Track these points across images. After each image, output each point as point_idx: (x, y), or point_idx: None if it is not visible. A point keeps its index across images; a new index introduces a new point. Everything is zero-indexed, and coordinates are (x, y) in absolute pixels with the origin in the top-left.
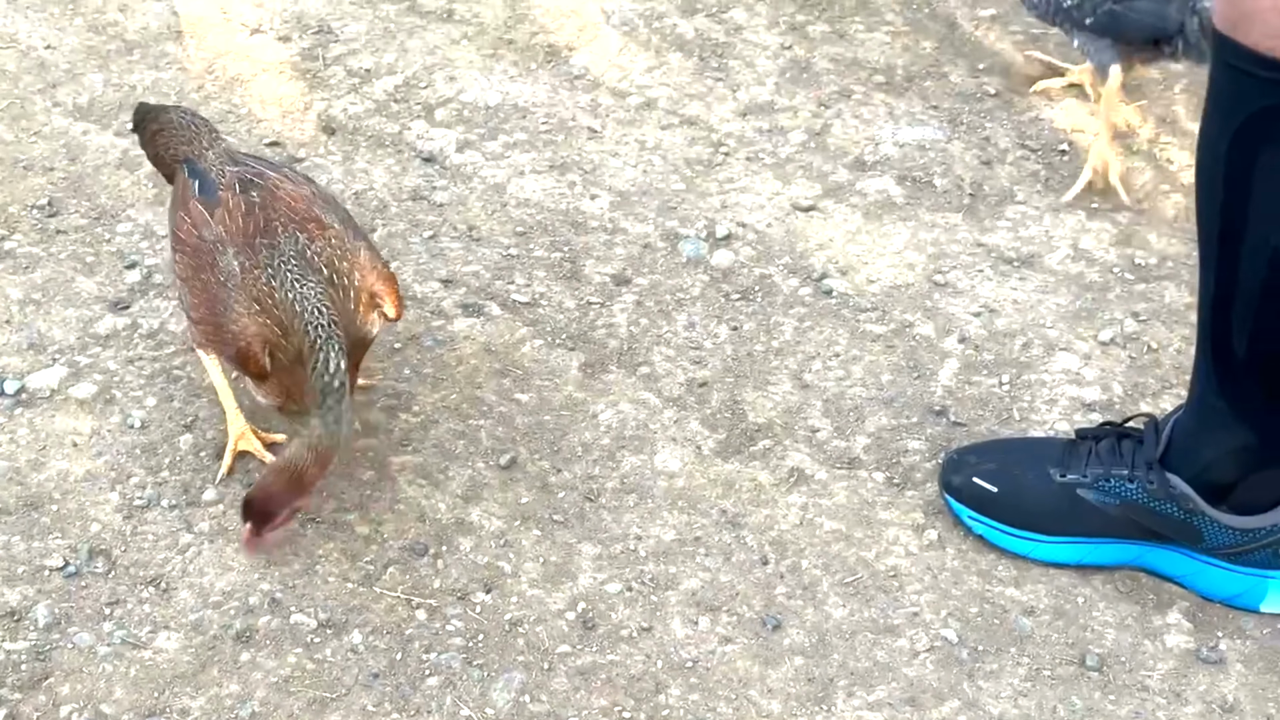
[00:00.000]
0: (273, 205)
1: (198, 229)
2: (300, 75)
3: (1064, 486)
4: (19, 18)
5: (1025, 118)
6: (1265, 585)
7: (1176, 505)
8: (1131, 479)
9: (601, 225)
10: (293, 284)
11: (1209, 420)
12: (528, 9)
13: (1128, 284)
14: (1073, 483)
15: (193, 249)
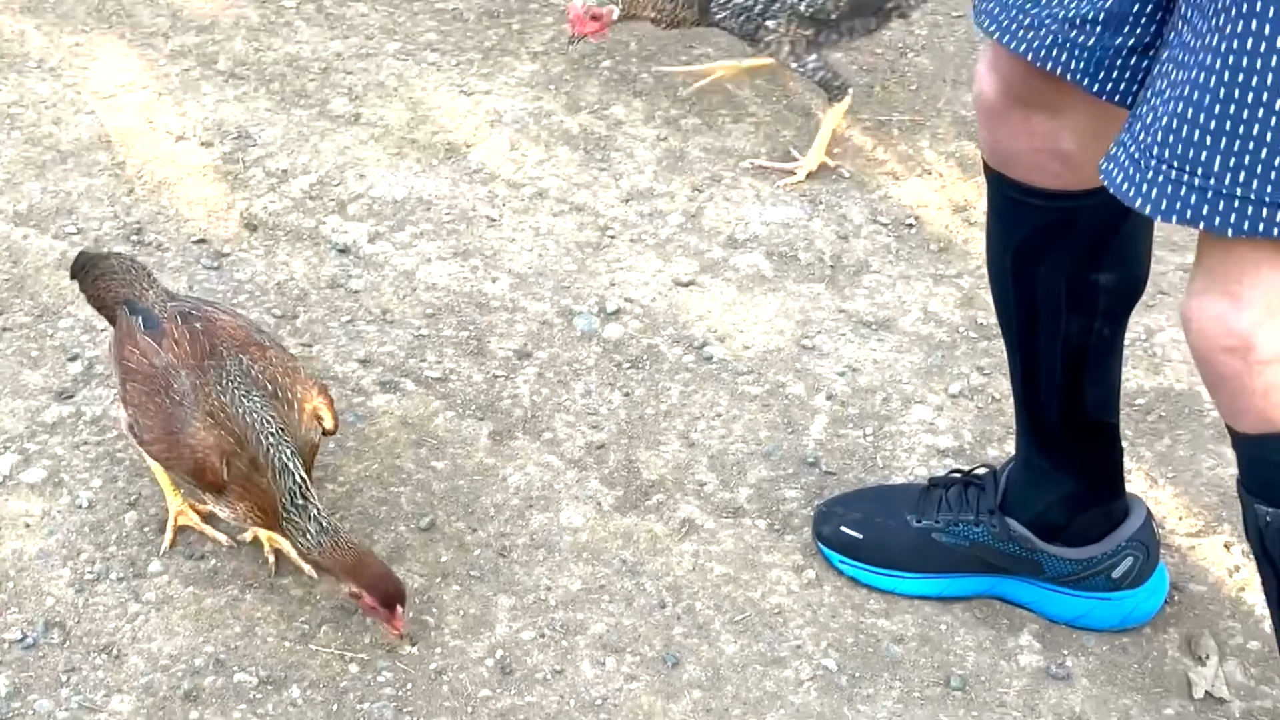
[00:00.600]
0: (214, 333)
1: (148, 358)
2: (222, 177)
3: (920, 531)
4: None
5: (876, 195)
6: (1103, 606)
7: (1017, 545)
8: (977, 524)
9: (503, 305)
10: (241, 399)
11: (1035, 475)
12: (428, 111)
13: (972, 341)
14: (927, 528)
15: (145, 376)
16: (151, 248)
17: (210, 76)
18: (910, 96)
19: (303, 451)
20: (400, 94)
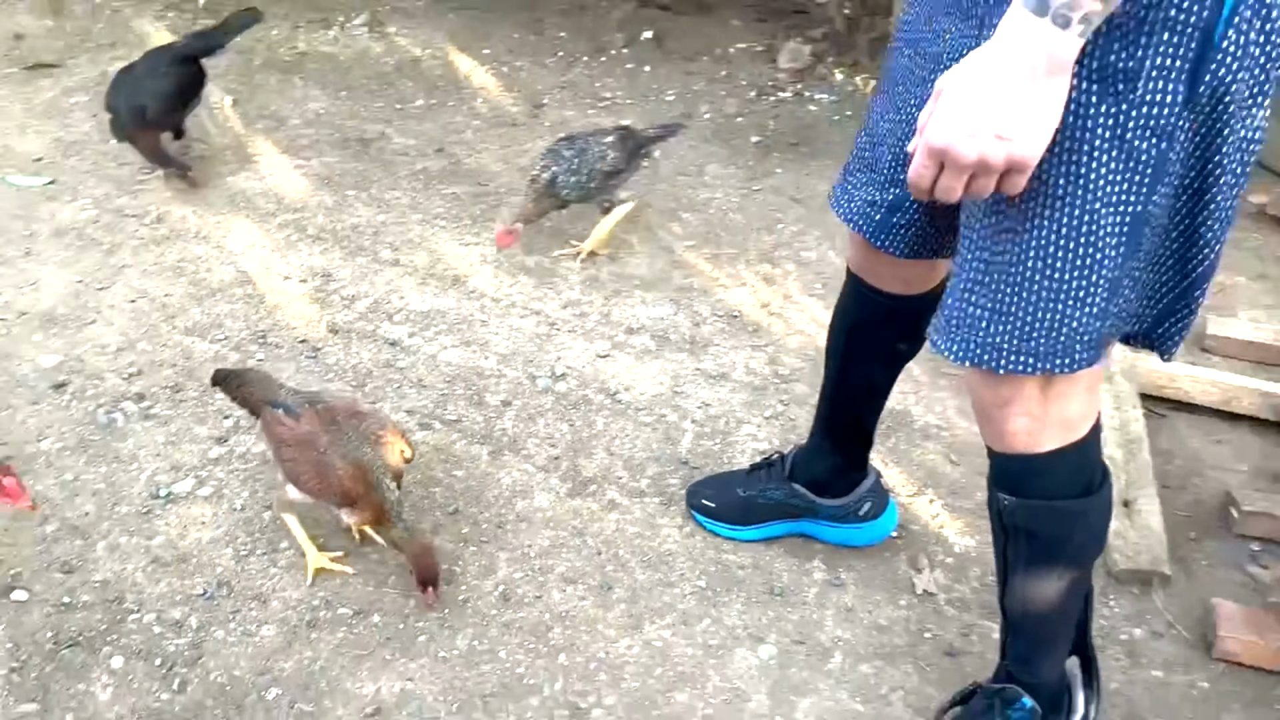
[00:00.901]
0: (332, 409)
1: (297, 431)
2: (314, 301)
3: (746, 498)
4: (148, 282)
5: (714, 299)
6: (857, 533)
7: (800, 499)
8: (777, 488)
9: (493, 373)
10: (358, 446)
11: (815, 453)
12: (440, 256)
13: (776, 386)
14: (751, 495)
15: (298, 443)
16: (272, 346)
17: (304, 239)
18: (732, 238)
19: (396, 475)
20: (423, 246)
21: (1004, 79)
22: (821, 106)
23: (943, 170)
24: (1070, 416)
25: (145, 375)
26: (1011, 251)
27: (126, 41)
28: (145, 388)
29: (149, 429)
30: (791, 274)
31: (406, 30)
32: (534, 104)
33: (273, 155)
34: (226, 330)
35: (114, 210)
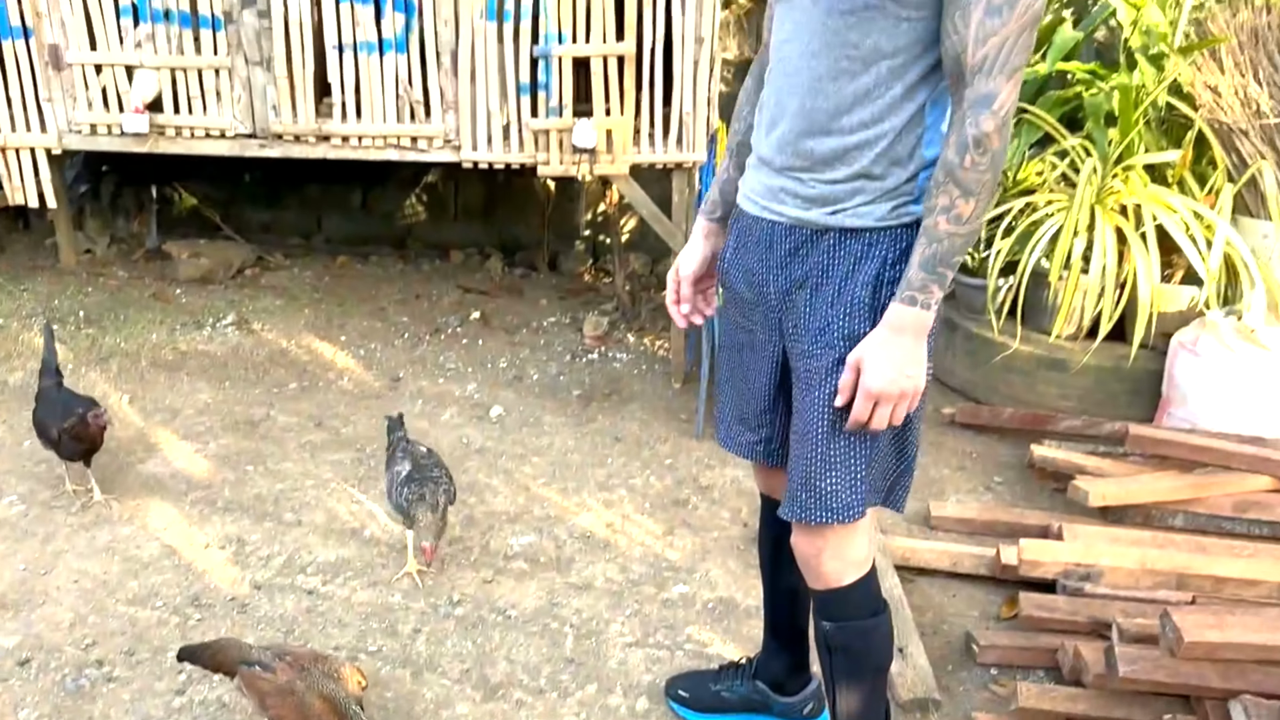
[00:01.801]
0: (299, 658)
1: (275, 682)
2: (236, 563)
3: (715, 691)
4: (85, 563)
5: (570, 524)
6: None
7: (761, 695)
8: (743, 685)
9: (400, 607)
10: (326, 685)
11: (771, 653)
12: (337, 513)
13: (630, 588)
14: (720, 689)
15: (278, 692)
16: (206, 607)
17: (215, 511)
18: (573, 473)
19: (358, 701)
20: (320, 506)
21: (901, 344)
22: (623, 364)
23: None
24: (860, 557)
25: (100, 644)
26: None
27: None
28: (102, 654)
29: (113, 689)
30: (625, 498)
31: (270, 326)
32: (392, 378)
33: (173, 442)
34: (163, 597)
35: (41, 504)
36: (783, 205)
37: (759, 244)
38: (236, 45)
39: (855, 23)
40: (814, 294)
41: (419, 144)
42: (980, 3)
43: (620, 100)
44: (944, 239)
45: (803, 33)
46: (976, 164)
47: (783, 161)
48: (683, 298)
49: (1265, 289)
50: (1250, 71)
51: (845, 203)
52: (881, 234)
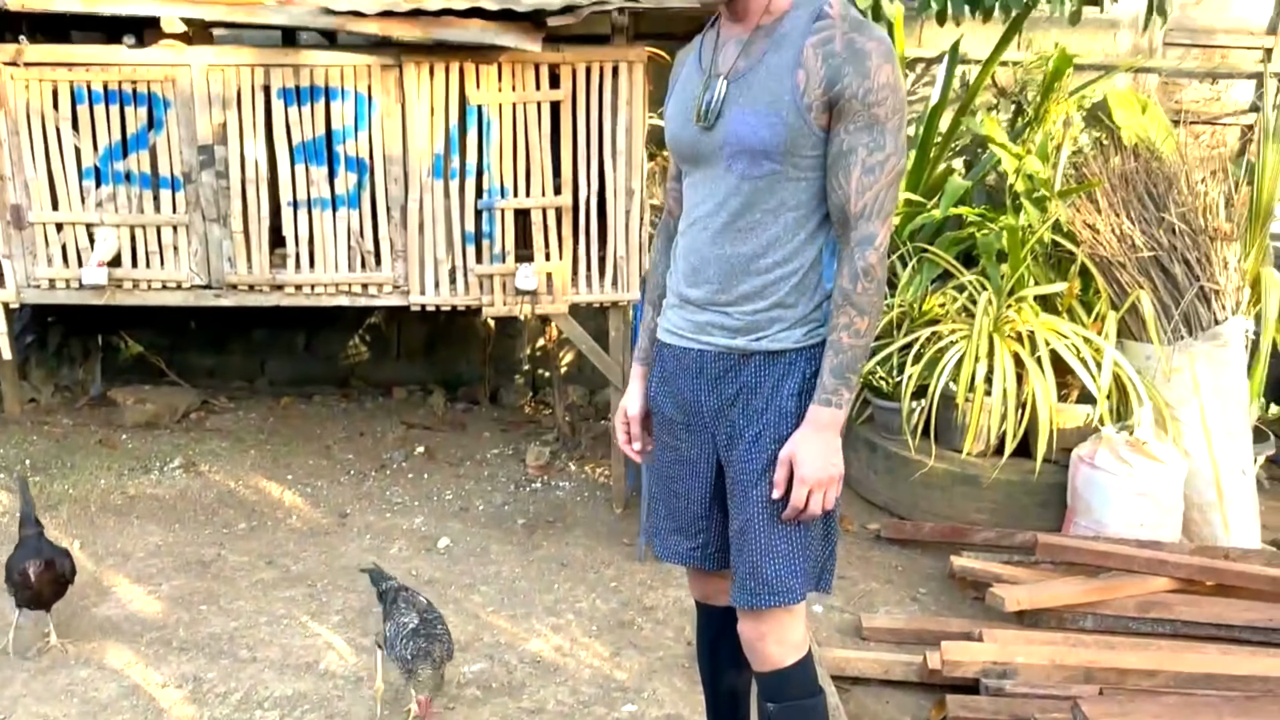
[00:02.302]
0: None
1: None
2: (192, 701)
3: None
4: (45, 706)
5: (520, 649)
6: None
7: None
8: None
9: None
10: None
11: None
12: (291, 649)
13: (581, 710)
14: None
15: None
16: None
17: (171, 651)
18: (521, 600)
19: None
20: (274, 643)
21: (824, 438)
22: (566, 492)
23: (810, 493)
24: (799, 639)
25: None
26: (765, 538)
27: None
28: None
29: None
30: (573, 622)
31: (218, 468)
32: (340, 514)
33: (126, 585)
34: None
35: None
36: (711, 336)
37: (688, 371)
38: (195, 203)
39: (764, 185)
40: (745, 407)
41: (369, 290)
42: (858, 164)
43: (559, 246)
44: (847, 350)
45: (719, 195)
46: (866, 289)
47: (708, 299)
48: (634, 436)
49: (1152, 406)
50: (1123, 211)
51: (766, 330)
52: (799, 353)
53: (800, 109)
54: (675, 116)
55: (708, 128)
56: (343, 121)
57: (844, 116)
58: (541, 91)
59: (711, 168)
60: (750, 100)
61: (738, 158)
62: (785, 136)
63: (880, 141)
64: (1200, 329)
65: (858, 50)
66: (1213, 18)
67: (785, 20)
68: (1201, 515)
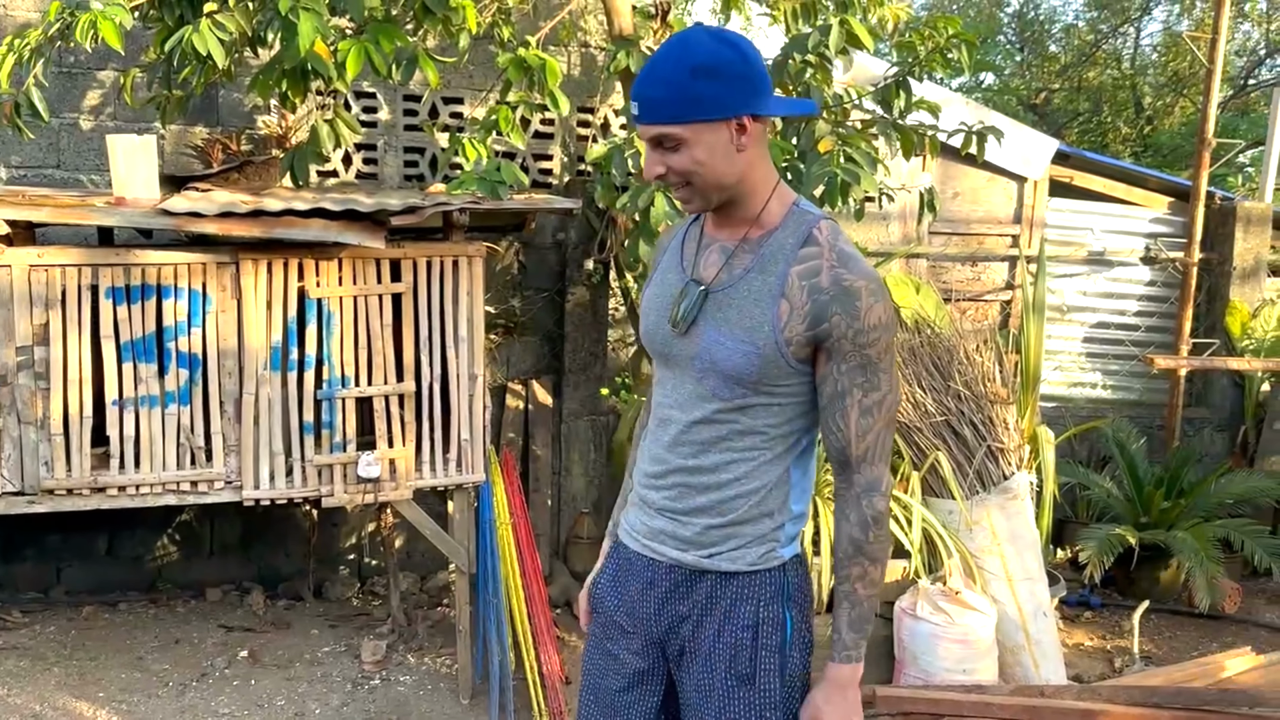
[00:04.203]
0: None
1: None
2: None
3: None
4: None
5: None
6: None
7: None
8: None
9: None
10: None
11: None
12: None
13: None
14: None
15: None
16: None
17: None
18: None
19: None
20: None
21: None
22: (408, 686)
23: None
24: None
25: None
26: None
27: None
28: None
29: None
30: None
31: (17, 690)
32: None
33: None
34: None
35: None
36: (663, 546)
37: (640, 579)
38: (10, 406)
39: (734, 405)
40: (696, 629)
41: (199, 487)
42: (854, 407)
43: (403, 432)
44: (863, 601)
45: (688, 405)
46: (879, 537)
47: (663, 505)
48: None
49: (960, 556)
50: (915, 381)
51: (719, 547)
52: (753, 577)
53: (779, 343)
54: (650, 311)
55: (681, 334)
56: (175, 318)
57: (834, 356)
58: (383, 284)
59: (683, 371)
60: (727, 322)
61: (709, 374)
62: (759, 367)
63: (875, 382)
64: (993, 484)
65: (846, 289)
66: (968, 211)
67: (772, 238)
68: (1013, 656)
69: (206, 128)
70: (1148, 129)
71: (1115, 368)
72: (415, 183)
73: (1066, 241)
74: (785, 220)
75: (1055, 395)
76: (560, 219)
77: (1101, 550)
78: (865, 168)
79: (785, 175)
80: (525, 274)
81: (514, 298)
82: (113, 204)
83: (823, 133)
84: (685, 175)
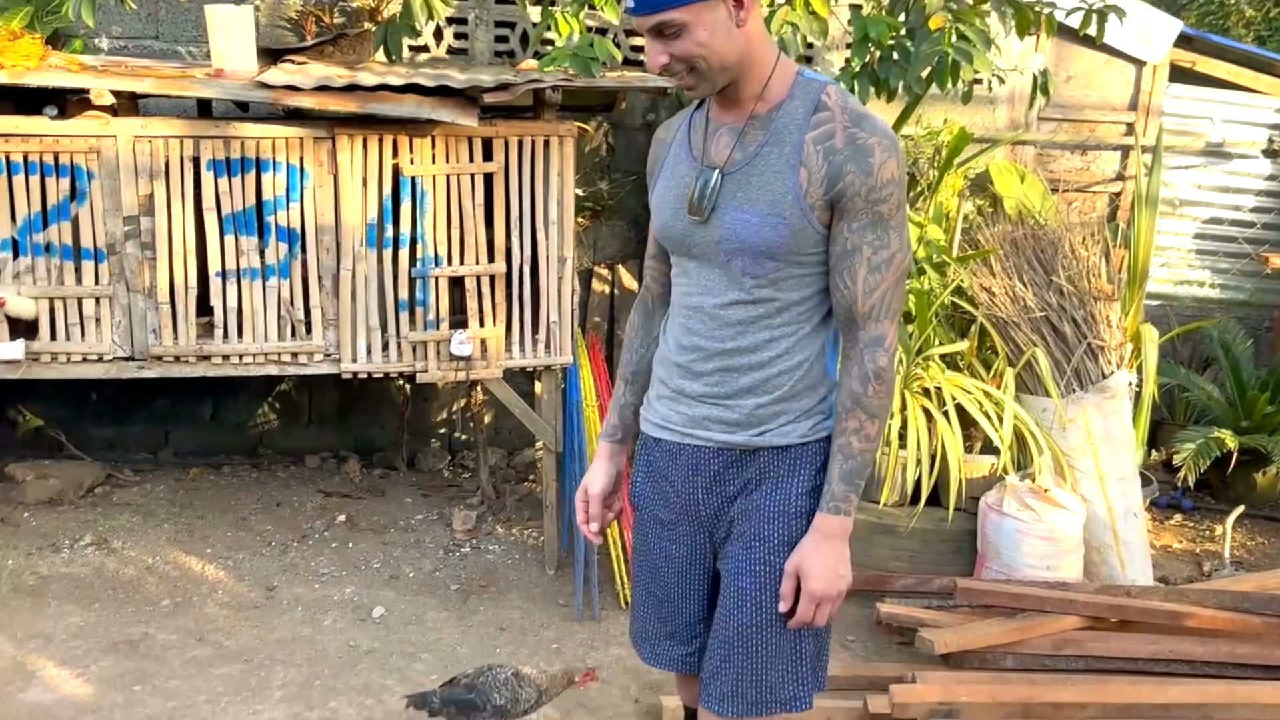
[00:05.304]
0: None
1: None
2: None
3: None
4: None
5: None
6: None
7: None
8: None
9: None
10: None
11: None
12: None
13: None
14: None
15: None
16: None
17: None
18: (468, 665)
19: None
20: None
21: (833, 548)
22: (496, 555)
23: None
24: None
25: None
26: (770, 643)
27: None
28: None
29: None
30: None
31: (131, 544)
32: (267, 587)
33: (52, 669)
34: None
35: None
36: (709, 432)
37: (682, 468)
38: (119, 274)
39: (767, 282)
40: (746, 506)
41: (299, 359)
42: (863, 264)
43: (493, 312)
44: (856, 456)
45: (717, 288)
46: (878, 392)
47: (705, 393)
48: (592, 516)
49: (1051, 455)
50: (1016, 274)
51: (768, 425)
52: (804, 449)
53: (804, 210)
54: (664, 205)
55: (702, 221)
56: (274, 192)
57: (847, 214)
58: (475, 163)
59: (708, 258)
60: (749, 200)
61: (737, 255)
62: (789, 238)
63: (885, 239)
64: (1090, 382)
65: (860, 146)
66: (1080, 96)
67: (781, 110)
68: (1099, 556)
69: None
70: (1274, 11)
71: (1225, 266)
72: (505, 59)
73: (1184, 131)
74: (792, 91)
75: (1160, 293)
76: (650, 99)
77: (1199, 453)
78: (978, 46)
79: (891, 55)
80: (614, 156)
81: (602, 180)
82: (212, 76)
83: (934, 8)
84: (689, 60)
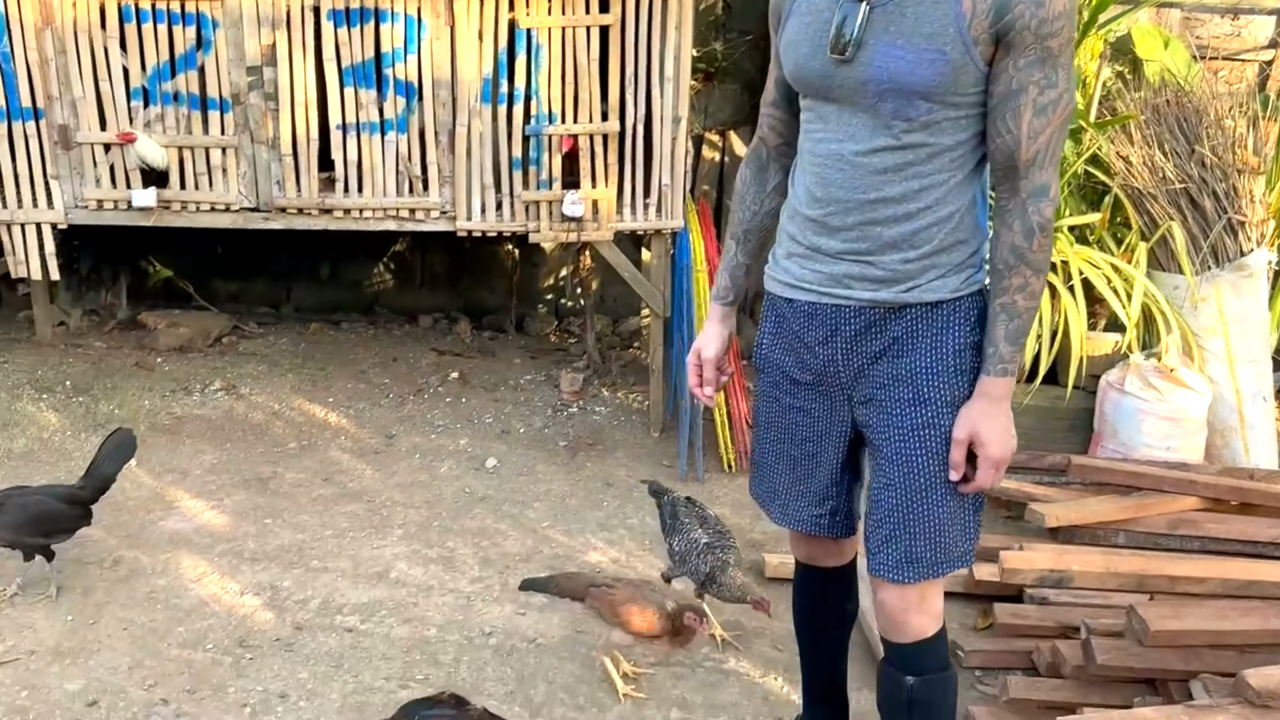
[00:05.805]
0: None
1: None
2: (272, 608)
3: None
4: (130, 612)
5: (579, 561)
6: None
7: None
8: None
9: (438, 640)
10: (655, 596)
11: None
12: (361, 560)
13: None
14: None
15: (625, 598)
16: (254, 647)
17: (244, 562)
18: (573, 516)
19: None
20: (343, 554)
21: (1002, 410)
22: (602, 416)
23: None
24: (940, 609)
25: (161, 685)
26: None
27: (18, 422)
28: (166, 694)
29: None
30: (625, 537)
31: (258, 391)
32: (386, 435)
33: (189, 500)
34: (212, 640)
35: (73, 560)
36: (849, 290)
37: (820, 328)
38: (243, 125)
39: (918, 126)
40: (895, 365)
41: (417, 215)
42: (1028, 105)
43: (605, 173)
44: (1023, 314)
45: (861, 134)
46: (1042, 245)
47: (845, 249)
48: (706, 380)
49: (1180, 334)
50: (1156, 143)
51: (917, 280)
52: (956, 304)
53: (967, 44)
54: (799, 43)
55: (846, 60)
56: (392, 44)
57: (1013, 50)
58: (591, 15)
59: (851, 103)
60: (903, 33)
61: (887, 96)
62: (949, 75)
63: (1053, 79)
64: (1227, 260)
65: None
66: None
67: None
68: (1223, 439)
69: None
70: None
71: None
72: None
73: None
74: None
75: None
76: None
77: None
78: None
79: None
80: (730, 15)
81: (716, 40)
82: None
83: None
84: None
